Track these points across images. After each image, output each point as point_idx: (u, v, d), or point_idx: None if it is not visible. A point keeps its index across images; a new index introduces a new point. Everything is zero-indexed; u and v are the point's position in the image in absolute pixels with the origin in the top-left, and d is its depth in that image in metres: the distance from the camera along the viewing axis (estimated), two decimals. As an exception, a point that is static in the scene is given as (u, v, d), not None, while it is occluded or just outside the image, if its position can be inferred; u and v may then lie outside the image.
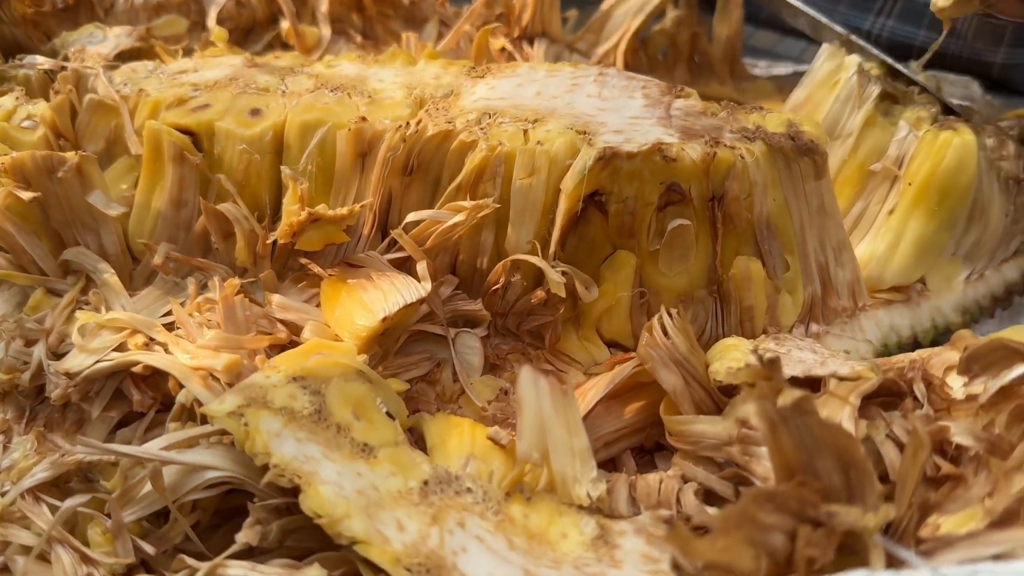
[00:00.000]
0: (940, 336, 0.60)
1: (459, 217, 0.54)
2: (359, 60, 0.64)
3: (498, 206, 0.55)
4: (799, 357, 0.50)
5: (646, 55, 0.82)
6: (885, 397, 0.45)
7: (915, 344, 0.60)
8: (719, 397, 0.49)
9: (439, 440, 0.49)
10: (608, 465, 0.51)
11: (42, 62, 0.67)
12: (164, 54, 0.66)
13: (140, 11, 0.81)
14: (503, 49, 0.78)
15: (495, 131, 0.55)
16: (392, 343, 0.54)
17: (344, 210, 0.54)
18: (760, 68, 0.87)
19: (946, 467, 0.40)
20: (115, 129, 0.63)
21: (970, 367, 0.41)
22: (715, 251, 0.54)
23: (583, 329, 0.58)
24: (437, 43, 0.82)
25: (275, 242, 0.56)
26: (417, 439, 0.51)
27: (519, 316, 0.57)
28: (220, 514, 0.48)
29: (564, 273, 0.54)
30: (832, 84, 0.61)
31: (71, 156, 0.56)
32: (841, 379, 0.46)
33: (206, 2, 0.82)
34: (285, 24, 0.81)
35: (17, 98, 0.63)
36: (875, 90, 0.60)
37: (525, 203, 0.55)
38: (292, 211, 0.54)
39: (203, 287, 0.59)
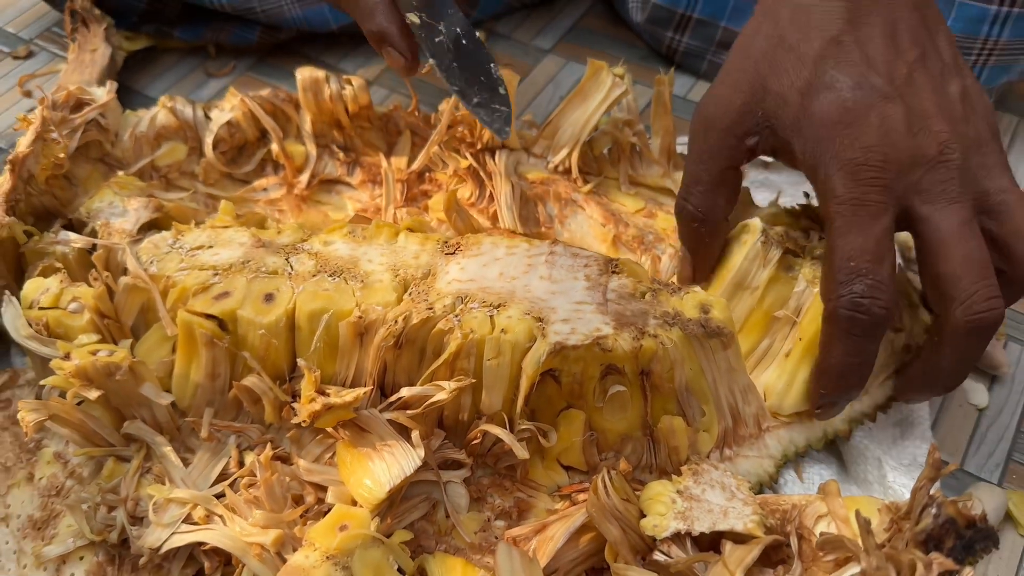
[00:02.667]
0: (829, 442, 0.76)
1: (443, 395, 0.68)
2: (350, 237, 0.75)
3: (473, 381, 0.69)
4: (708, 503, 0.65)
5: (593, 155, 0.93)
6: (769, 549, 0.61)
7: (809, 449, 0.75)
8: (649, 541, 0.64)
9: (439, 581, 0.65)
10: (569, 586, 0.68)
11: (75, 239, 0.78)
12: (179, 226, 0.78)
13: (143, 143, 0.91)
14: (469, 167, 0.89)
15: (467, 318, 0.68)
16: (398, 495, 0.69)
17: (350, 396, 0.67)
18: (697, 147, 0.98)
19: (804, 624, 0.56)
20: (148, 302, 0.75)
21: (824, 548, 0.57)
22: (646, 410, 0.69)
23: (547, 461, 0.73)
24: (412, 152, 0.93)
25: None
26: (422, 574, 0.67)
27: (495, 456, 0.72)
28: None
29: (528, 429, 0.69)
30: (742, 243, 0.74)
31: (124, 360, 0.69)
32: (736, 536, 0.62)
33: (200, 128, 0.92)
34: (275, 146, 0.92)
35: (61, 281, 0.75)
36: (777, 254, 0.72)
37: (494, 377, 0.68)
38: (309, 396, 0.68)
39: (239, 437, 0.73)
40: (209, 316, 0.71)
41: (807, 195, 0.79)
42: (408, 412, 0.69)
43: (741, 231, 0.74)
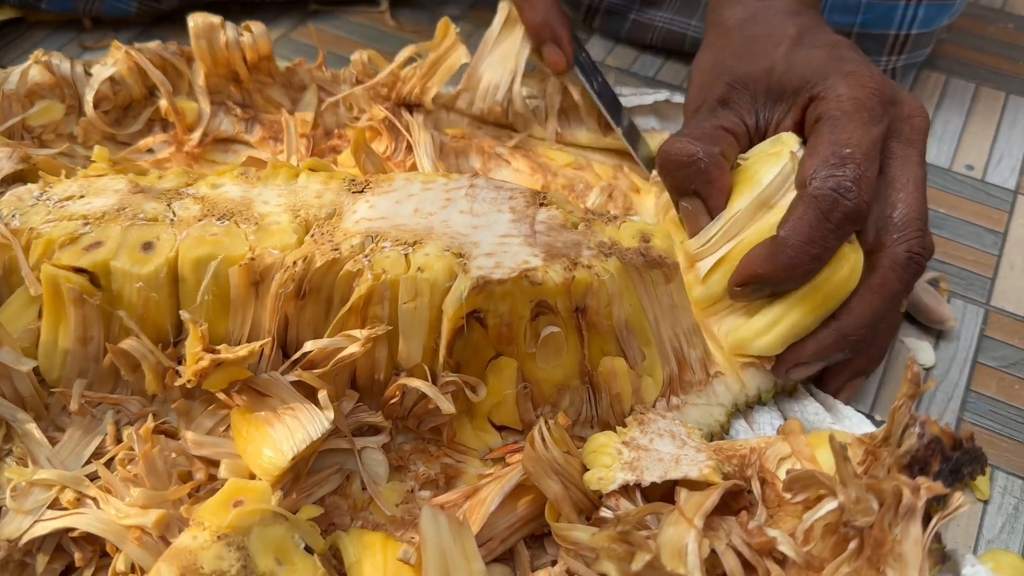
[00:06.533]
0: (780, 391, 0.70)
1: (354, 347, 0.59)
2: (242, 179, 0.66)
3: (389, 328, 0.60)
4: (658, 452, 0.57)
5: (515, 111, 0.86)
6: (729, 497, 0.54)
7: (759, 400, 0.69)
8: (594, 497, 0.56)
9: (355, 559, 0.56)
10: (507, 555, 0.59)
11: (-77, 195, 0.67)
12: (47, 177, 0.68)
13: (12, 100, 0.81)
14: (384, 119, 0.81)
15: (378, 258, 0.60)
16: (304, 465, 0.60)
17: (244, 351, 0.58)
18: (626, 98, 0.92)
19: (775, 571, 0.49)
20: (9, 261, 0.65)
21: (792, 487, 0.50)
22: (583, 351, 0.61)
23: (476, 420, 0.64)
24: (318, 108, 0.85)
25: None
26: (335, 553, 0.57)
27: (417, 418, 0.63)
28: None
29: (453, 382, 0.61)
30: (773, 155, 0.67)
31: (-26, 320, 0.58)
32: (691, 484, 0.54)
33: (80, 85, 0.82)
34: (164, 102, 0.82)
35: (-93, 239, 0.65)
36: None
37: (412, 323, 0.60)
38: (195, 354, 0.58)
39: (117, 412, 0.63)
40: (79, 270, 0.62)
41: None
42: (315, 371, 0.60)
43: (771, 144, 0.68)
